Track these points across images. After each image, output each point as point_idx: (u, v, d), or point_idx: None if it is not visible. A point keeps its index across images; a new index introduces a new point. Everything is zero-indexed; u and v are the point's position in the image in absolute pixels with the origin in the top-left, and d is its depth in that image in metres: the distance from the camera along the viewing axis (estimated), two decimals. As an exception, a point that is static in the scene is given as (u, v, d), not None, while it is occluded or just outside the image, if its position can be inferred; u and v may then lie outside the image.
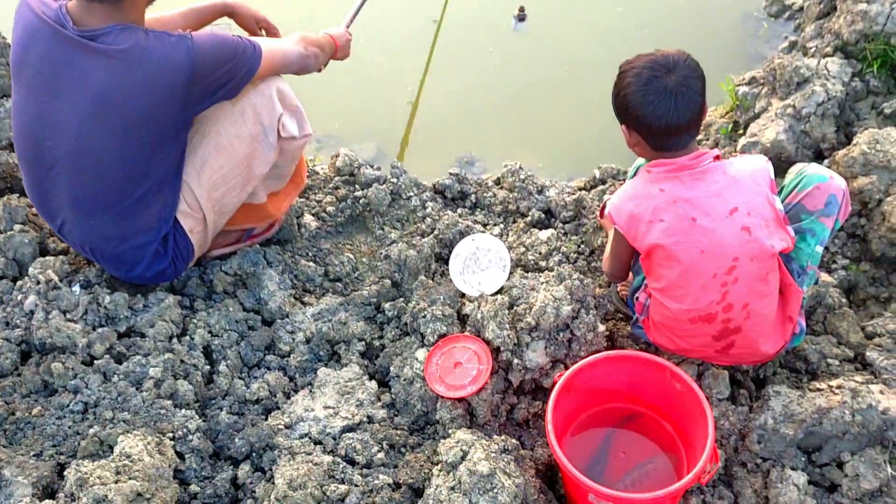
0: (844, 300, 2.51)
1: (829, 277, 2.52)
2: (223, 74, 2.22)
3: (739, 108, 3.12)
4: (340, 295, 2.72)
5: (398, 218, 3.00)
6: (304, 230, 2.93)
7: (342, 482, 2.14)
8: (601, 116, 2.24)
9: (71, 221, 2.33)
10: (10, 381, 2.30)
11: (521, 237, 2.79)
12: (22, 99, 2.24)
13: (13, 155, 2.72)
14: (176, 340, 2.44)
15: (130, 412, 2.22)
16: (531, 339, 2.30)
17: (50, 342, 2.34)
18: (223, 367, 2.43)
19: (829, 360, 2.36)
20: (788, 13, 3.78)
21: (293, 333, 2.55)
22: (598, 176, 3.09)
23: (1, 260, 2.53)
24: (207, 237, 2.52)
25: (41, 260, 2.53)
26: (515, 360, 2.30)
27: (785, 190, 2.23)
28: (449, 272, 2.61)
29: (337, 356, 2.52)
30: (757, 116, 3.02)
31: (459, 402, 2.28)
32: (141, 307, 2.49)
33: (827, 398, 2.17)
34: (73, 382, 2.27)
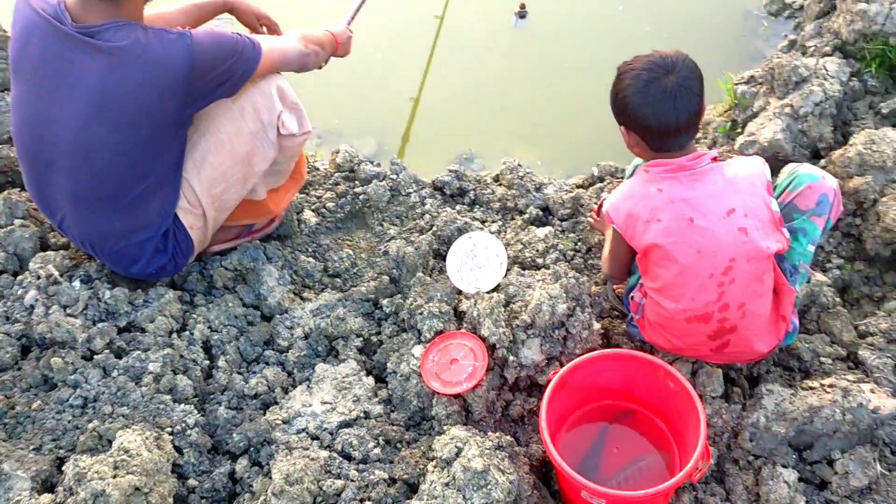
0: (838, 299, 2.53)
1: (823, 276, 2.53)
2: (222, 72, 2.23)
3: (738, 106, 3.13)
4: (339, 291, 2.74)
5: (397, 214, 3.02)
6: (303, 226, 2.95)
7: (338, 477, 2.16)
8: (601, 114, 2.25)
9: (71, 217, 2.35)
10: (9, 375, 2.32)
11: (518, 234, 2.80)
12: (21, 95, 2.26)
13: (14, 149, 2.74)
14: (175, 335, 2.46)
15: (129, 407, 2.24)
16: (527, 336, 2.32)
17: (50, 337, 2.36)
18: (222, 362, 2.45)
19: (822, 358, 2.38)
20: (789, 11, 3.79)
21: (292, 329, 2.57)
22: (596, 174, 3.11)
23: (1, 254, 2.55)
24: (207, 233, 2.54)
25: (42, 255, 2.55)
26: (511, 357, 2.32)
27: (777, 189, 2.24)
28: (446, 269, 2.63)
29: (335, 352, 2.55)
30: (755, 115, 3.03)
31: (455, 398, 2.30)
32: (141, 302, 2.51)
33: (819, 397, 2.19)
34: (72, 377, 2.29)
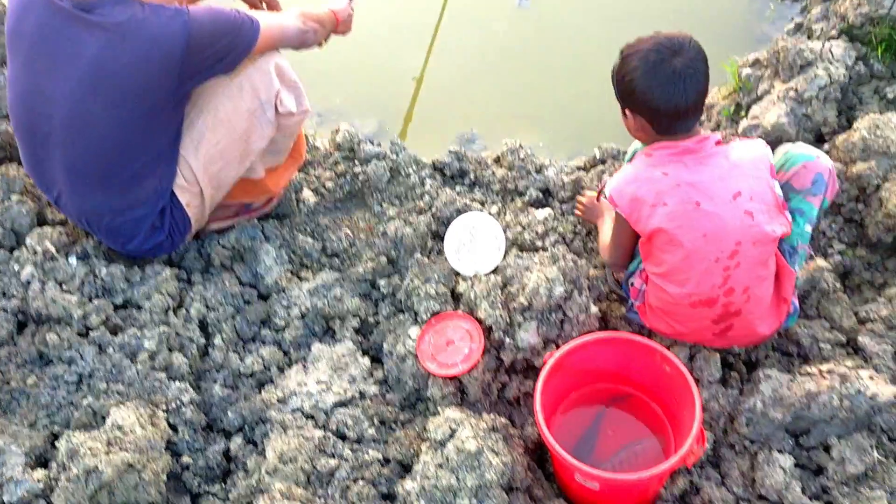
0: (839, 285, 2.51)
1: (824, 262, 2.51)
2: (220, 49, 2.21)
3: (742, 89, 3.09)
4: (337, 271, 2.73)
5: (397, 195, 3.00)
6: (302, 205, 2.93)
7: (332, 456, 2.16)
8: (604, 95, 2.22)
9: (67, 193, 2.34)
10: (5, 350, 2.32)
11: (518, 216, 2.79)
12: (17, 70, 2.24)
13: (11, 124, 2.72)
14: (172, 313, 2.46)
15: (124, 384, 2.24)
16: (523, 319, 2.31)
17: (46, 313, 2.36)
18: (218, 340, 2.45)
19: (821, 344, 2.37)
20: (796, -6, 3.74)
21: (289, 308, 2.56)
22: (598, 156, 3.08)
23: (-1, 230, 2.55)
24: (205, 211, 2.52)
25: (39, 230, 2.54)
26: (507, 339, 2.31)
27: None
28: (444, 250, 2.61)
29: (331, 332, 2.54)
30: (759, 99, 3.00)
31: (451, 380, 2.29)
32: (138, 279, 2.50)
33: (817, 383, 2.18)
34: (67, 353, 2.29)
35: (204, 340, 2.45)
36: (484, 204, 2.92)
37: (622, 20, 3.75)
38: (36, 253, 2.48)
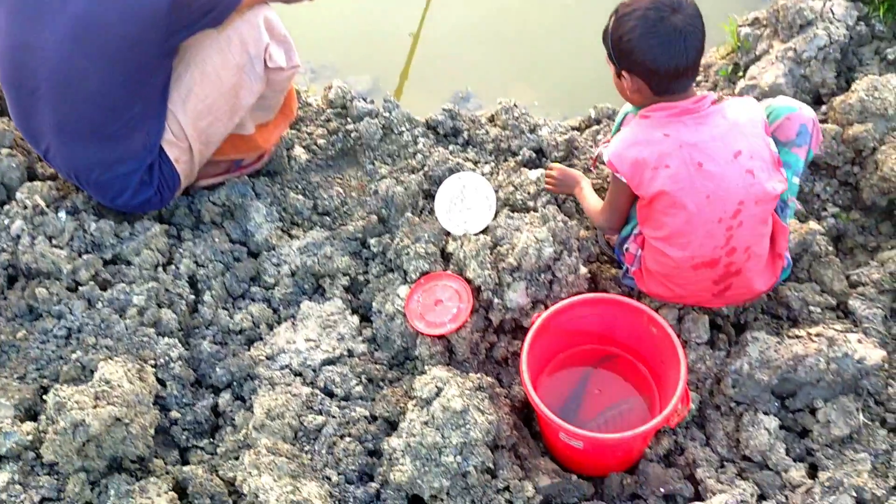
0: (831, 248, 2.50)
1: (817, 225, 2.50)
2: (207, 2, 2.18)
3: (741, 49, 3.04)
4: (328, 229, 2.72)
5: (389, 153, 2.98)
6: (293, 162, 2.91)
7: (319, 413, 2.18)
8: (601, 55, 2.18)
9: (55, 147, 2.32)
10: (-5, 304, 2.33)
11: (510, 176, 2.76)
12: (3, 23, 2.21)
13: (0, 78, 2.70)
14: (161, 269, 2.45)
15: (113, 339, 2.25)
16: (512, 279, 2.30)
17: (35, 267, 2.36)
18: (208, 297, 2.45)
19: (811, 307, 2.37)
20: (799, -49, 3.66)
21: (278, 266, 2.56)
22: (593, 116, 3.04)
23: (-13, 184, 2.53)
24: (194, 167, 2.50)
25: (28, 185, 2.52)
26: (496, 299, 2.31)
27: None
28: (435, 210, 2.60)
29: (321, 290, 2.54)
30: (758, 59, 2.95)
31: (439, 339, 2.30)
32: (127, 235, 2.49)
33: (804, 345, 2.18)
34: (57, 308, 2.29)
35: (193, 297, 2.45)
36: (477, 164, 2.90)
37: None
38: (26, 207, 2.47)
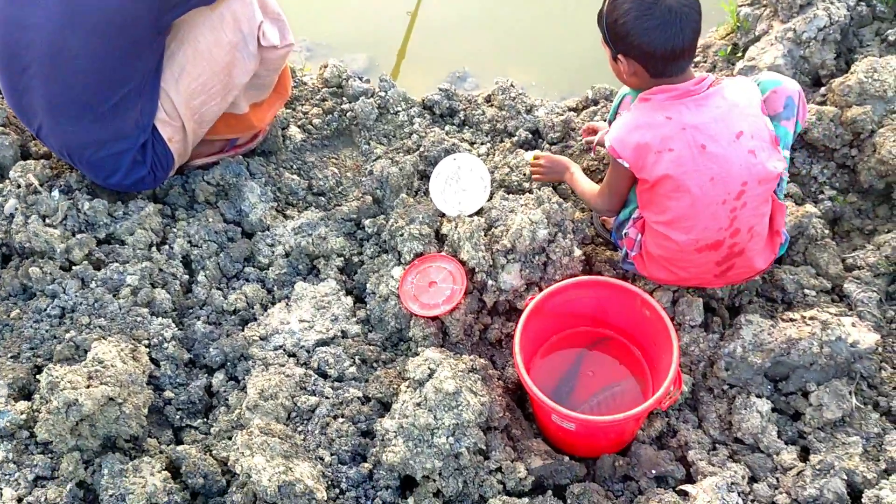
0: (828, 231, 2.49)
1: (813, 208, 2.48)
2: (199, -22, 2.16)
3: (740, 29, 3.02)
4: (323, 209, 2.71)
5: (385, 133, 2.96)
6: (289, 142, 2.89)
7: (313, 394, 2.18)
8: (599, 35, 2.16)
9: (48, 126, 2.31)
10: (-11, 283, 2.33)
11: (506, 157, 2.75)
12: (-6, -1, 2.19)
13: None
14: (155, 249, 2.45)
15: (107, 318, 2.24)
16: (506, 261, 2.30)
17: (28, 246, 2.35)
18: (202, 277, 2.44)
19: (805, 290, 2.36)
20: (802, -70, 3.61)
21: (273, 246, 2.55)
22: (590, 96, 3.02)
23: (-20, 162, 2.52)
24: (187, 146, 2.49)
25: (22, 163, 2.51)
26: (490, 281, 2.30)
27: None
28: (429, 191, 2.59)
29: (316, 271, 2.53)
30: (757, 39, 2.93)
31: (433, 320, 2.30)
32: (121, 214, 2.49)
33: (798, 329, 2.18)
34: (50, 287, 2.29)
35: (187, 277, 2.45)
36: (473, 144, 2.88)
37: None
38: (19, 186, 2.46)
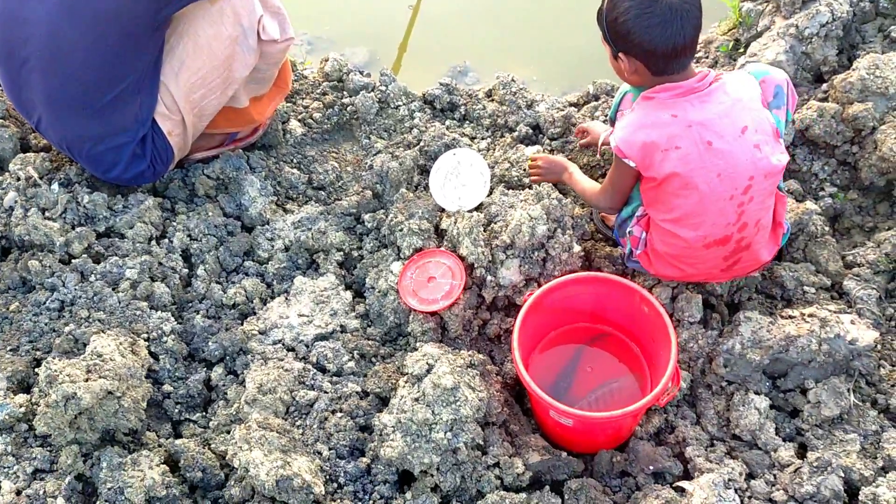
0: (828, 228, 2.48)
1: (814, 205, 2.48)
2: (199, -28, 2.15)
3: (742, 25, 3.01)
4: (323, 204, 2.71)
5: (385, 127, 2.96)
6: (289, 136, 2.89)
7: (311, 388, 2.18)
8: (600, 32, 2.16)
9: (47, 119, 2.31)
10: (-12, 276, 2.33)
11: (506, 152, 2.74)
12: (-6, -7, 2.19)
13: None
14: (155, 243, 2.45)
15: (106, 312, 2.25)
16: (506, 256, 2.29)
17: (28, 239, 2.35)
18: (201, 271, 2.44)
19: (805, 287, 2.36)
20: (805, -75, 3.60)
21: (272, 241, 2.55)
22: (591, 92, 3.01)
23: (-20, 155, 2.52)
24: (187, 140, 2.49)
25: (21, 156, 2.51)
26: (489, 276, 2.30)
27: None
28: (429, 186, 2.58)
29: (315, 265, 2.53)
30: (759, 35, 2.92)
31: (431, 315, 2.30)
32: (120, 208, 2.49)
33: (797, 326, 2.18)
34: (49, 280, 2.29)
35: (187, 271, 2.45)
36: (473, 139, 2.88)
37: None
38: (19, 179, 2.46)
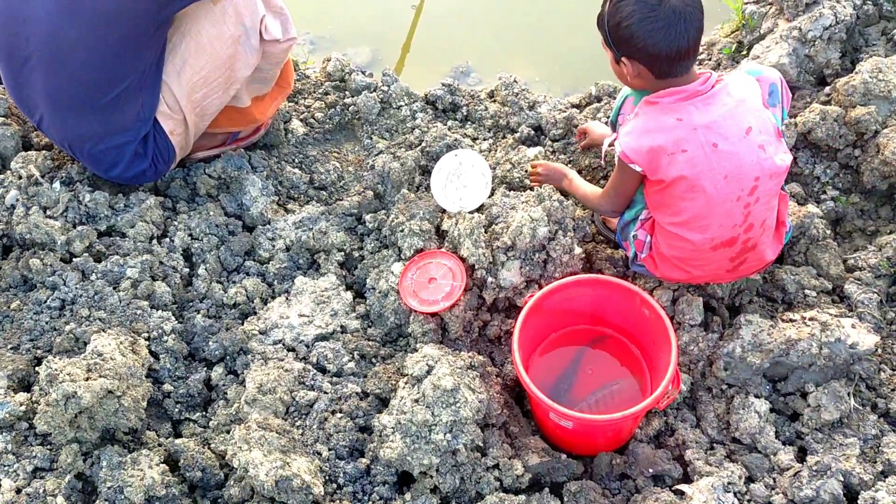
0: (829, 232, 2.48)
1: (816, 208, 2.48)
2: (201, -29, 2.15)
3: (745, 27, 3.01)
4: (324, 204, 2.71)
5: (387, 128, 2.96)
6: (290, 136, 2.89)
7: (311, 389, 2.18)
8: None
9: (49, 118, 2.31)
10: (-11, 274, 2.33)
11: (508, 153, 2.74)
12: (-4, -8, 2.19)
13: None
14: (156, 242, 2.45)
15: (107, 311, 2.25)
16: (506, 258, 2.29)
17: (29, 238, 2.36)
18: (202, 270, 2.44)
19: (806, 291, 2.36)
20: (809, -73, 3.59)
21: (273, 240, 2.55)
22: (594, 93, 3.01)
23: (-18, 153, 2.52)
24: (189, 139, 2.49)
25: (23, 154, 2.51)
26: (490, 278, 2.30)
27: None
28: (431, 186, 2.58)
29: (316, 265, 2.53)
30: (762, 37, 2.92)
31: (432, 316, 2.30)
32: (122, 207, 2.49)
33: (798, 329, 2.18)
34: (51, 279, 2.29)
35: (188, 270, 2.45)
36: (475, 140, 2.88)
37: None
38: (20, 177, 2.46)
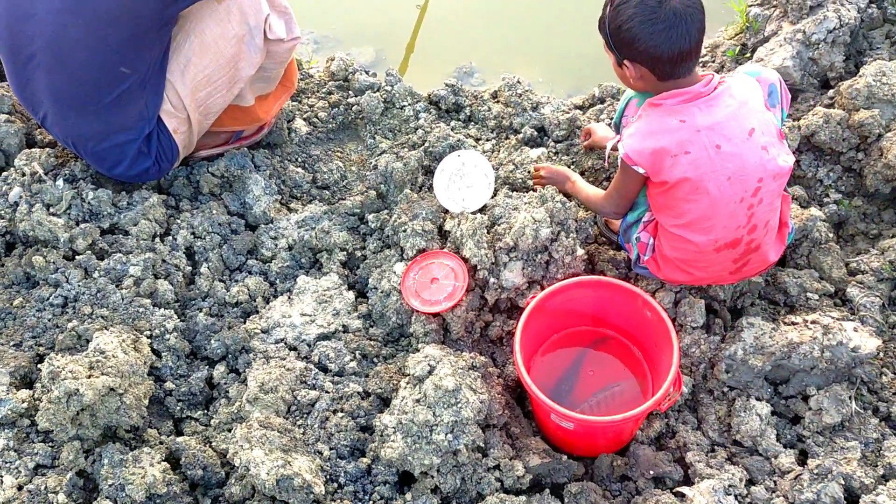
0: (832, 235, 2.48)
1: (818, 211, 2.48)
2: (205, -30, 2.16)
3: (749, 30, 3.00)
4: (327, 203, 2.71)
5: (390, 127, 2.96)
6: (294, 135, 2.89)
7: (313, 388, 2.18)
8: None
9: (52, 115, 2.31)
10: (-8, 271, 2.33)
11: (511, 154, 2.74)
12: (-2, -12, 2.19)
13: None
14: (159, 240, 2.45)
15: (109, 309, 2.25)
16: (509, 259, 2.29)
17: (32, 235, 2.36)
18: (204, 268, 2.45)
19: (808, 294, 2.35)
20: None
21: (276, 239, 2.56)
22: (597, 94, 3.01)
23: (-14, 150, 2.53)
24: (193, 138, 2.49)
25: (27, 151, 2.52)
26: (492, 278, 2.30)
27: None
28: (433, 187, 2.58)
29: (318, 264, 2.54)
30: (766, 40, 2.92)
31: (434, 317, 2.30)
32: (125, 205, 2.49)
33: (799, 333, 2.18)
34: (53, 276, 2.30)
35: (190, 268, 2.45)
36: (478, 140, 2.88)
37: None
38: (24, 174, 2.46)
